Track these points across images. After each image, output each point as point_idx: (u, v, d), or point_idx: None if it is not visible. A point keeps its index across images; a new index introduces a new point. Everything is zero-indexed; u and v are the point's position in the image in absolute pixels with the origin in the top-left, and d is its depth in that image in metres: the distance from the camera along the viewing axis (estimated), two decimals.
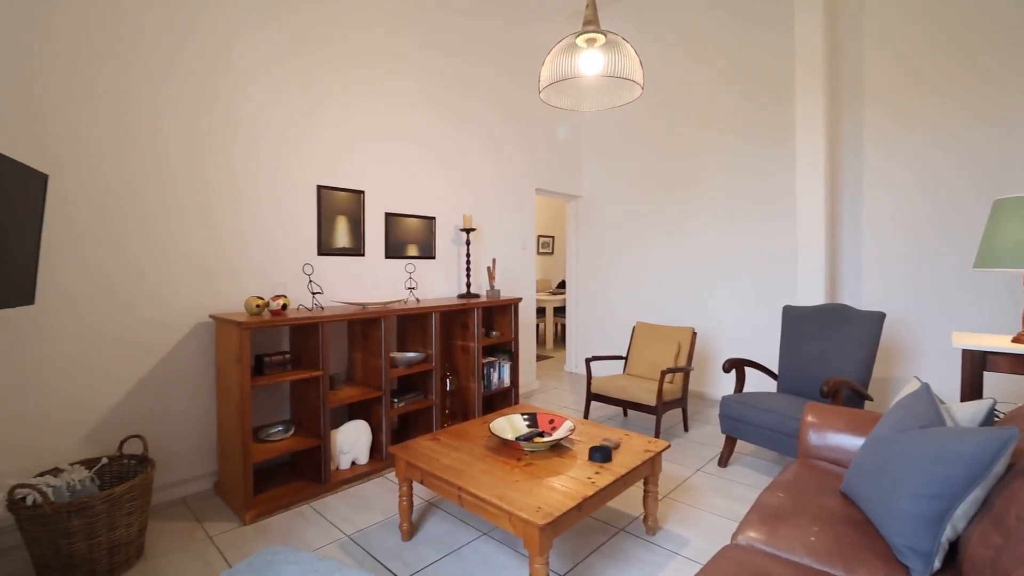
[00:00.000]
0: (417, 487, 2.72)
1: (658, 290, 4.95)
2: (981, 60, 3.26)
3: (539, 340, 7.67)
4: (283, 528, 2.34)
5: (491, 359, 3.80)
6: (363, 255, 3.45)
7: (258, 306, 2.54)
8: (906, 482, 1.34)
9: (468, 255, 3.87)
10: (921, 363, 3.56)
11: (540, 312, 7.53)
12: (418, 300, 3.65)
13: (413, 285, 3.78)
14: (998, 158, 3.23)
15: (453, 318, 3.72)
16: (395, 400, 3.16)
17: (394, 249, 3.65)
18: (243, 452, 2.39)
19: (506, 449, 2.23)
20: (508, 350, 3.93)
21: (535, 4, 4.62)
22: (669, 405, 3.48)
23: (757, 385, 4.14)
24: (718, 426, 3.75)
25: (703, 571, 1.33)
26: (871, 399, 2.89)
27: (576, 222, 5.66)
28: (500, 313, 3.98)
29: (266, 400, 2.97)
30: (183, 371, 2.65)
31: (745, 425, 2.88)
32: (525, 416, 2.45)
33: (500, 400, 3.97)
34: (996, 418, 1.69)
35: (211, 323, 2.75)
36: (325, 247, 3.23)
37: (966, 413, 1.54)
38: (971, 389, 2.35)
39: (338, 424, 3.01)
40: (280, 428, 2.76)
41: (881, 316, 2.91)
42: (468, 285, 3.88)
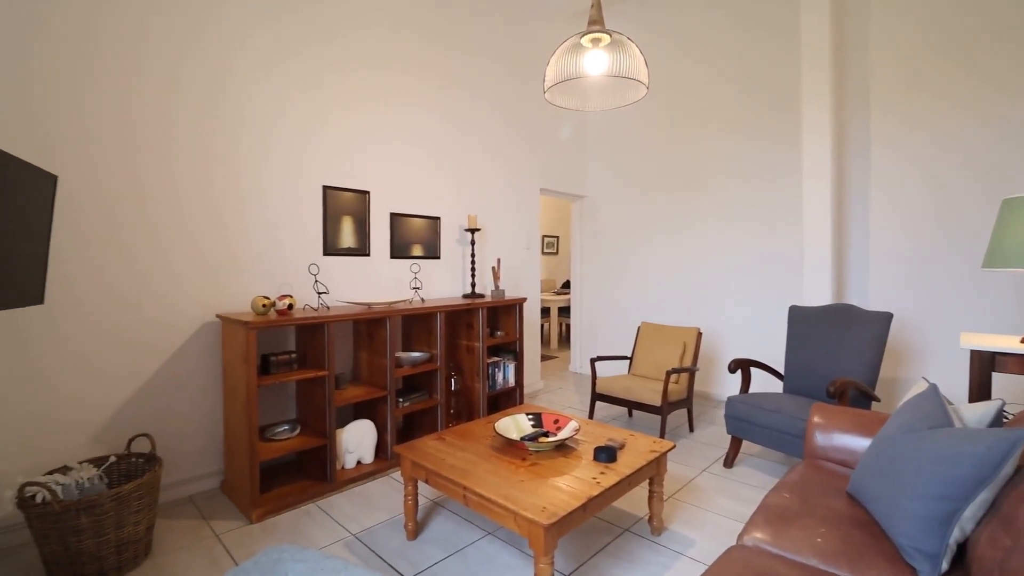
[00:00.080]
0: (422, 486, 2.72)
1: (663, 290, 4.94)
2: (987, 61, 3.24)
3: (544, 340, 7.67)
4: (289, 527, 2.35)
5: (496, 359, 3.81)
6: (368, 255, 3.46)
7: (264, 306, 2.55)
8: (914, 483, 1.33)
9: (473, 255, 3.87)
10: (928, 364, 3.54)
11: (545, 312, 7.53)
12: (423, 300, 3.66)
13: (418, 285, 3.79)
14: (1004, 158, 3.20)
15: (458, 318, 3.72)
16: (400, 400, 3.17)
17: (399, 249, 3.66)
18: (249, 451, 2.41)
19: (511, 449, 2.23)
20: (513, 350, 3.94)
21: (539, 4, 4.62)
22: (674, 405, 3.47)
23: (763, 385, 4.12)
24: (724, 427, 3.74)
25: (709, 572, 1.33)
26: (878, 400, 2.86)
27: (581, 222, 5.65)
28: (505, 313, 3.98)
29: (272, 399, 2.99)
30: (190, 371, 2.67)
31: (751, 426, 2.87)
32: (530, 416, 2.45)
33: (505, 400, 3.97)
34: (1005, 419, 1.67)
35: (217, 323, 2.76)
36: (331, 247, 3.24)
37: (974, 414, 1.53)
38: (979, 390, 2.33)
39: (343, 423, 3.02)
40: (286, 427, 2.78)
41: (888, 316, 2.89)
42: (473, 285, 3.89)
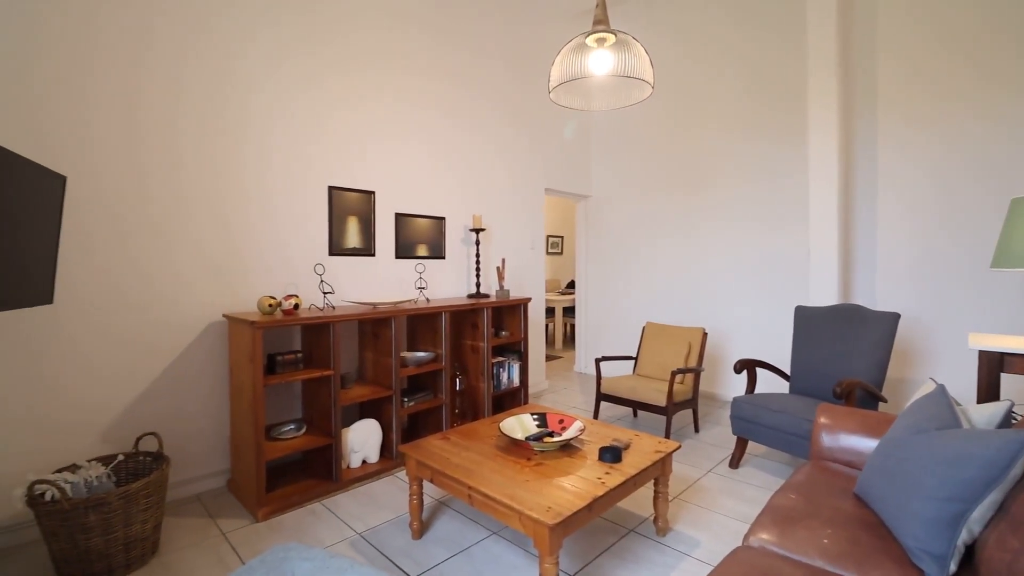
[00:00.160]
0: (427, 486, 2.73)
1: (668, 290, 4.92)
2: (993, 62, 3.22)
3: (548, 340, 7.67)
4: (295, 525, 2.36)
5: (500, 359, 3.81)
6: (374, 255, 3.47)
7: (270, 306, 2.56)
8: (922, 484, 1.32)
9: (478, 255, 3.88)
10: (936, 364, 3.51)
11: (549, 312, 7.53)
12: (428, 300, 3.67)
13: (423, 285, 3.80)
14: (1012, 158, 3.18)
15: (463, 318, 3.73)
16: (405, 399, 3.18)
17: (404, 249, 3.67)
18: (256, 450, 2.42)
19: (516, 449, 2.23)
20: (517, 350, 3.94)
21: (544, 4, 4.61)
22: (680, 406, 3.46)
23: (769, 386, 4.10)
24: (729, 427, 3.73)
25: (714, 573, 1.32)
26: (885, 400, 2.85)
27: (585, 222, 5.65)
28: (509, 313, 3.98)
29: (278, 399, 3.00)
30: (196, 371, 2.68)
31: (757, 426, 2.86)
32: (535, 416, 2.45)
33: (509, 400, 3.97)
34: (1014, 420, 1.66)
35: (223, 323, 2.78)
36: (336, 247, 3.26)
37: (983, 415, 1.52)
38: (988, 391, 2.32)
39: (349, 423, 3.03)
40: (292, 427, 2.79)
41: (896, 317, 2.87)
42: (478, 285, 3.89)
